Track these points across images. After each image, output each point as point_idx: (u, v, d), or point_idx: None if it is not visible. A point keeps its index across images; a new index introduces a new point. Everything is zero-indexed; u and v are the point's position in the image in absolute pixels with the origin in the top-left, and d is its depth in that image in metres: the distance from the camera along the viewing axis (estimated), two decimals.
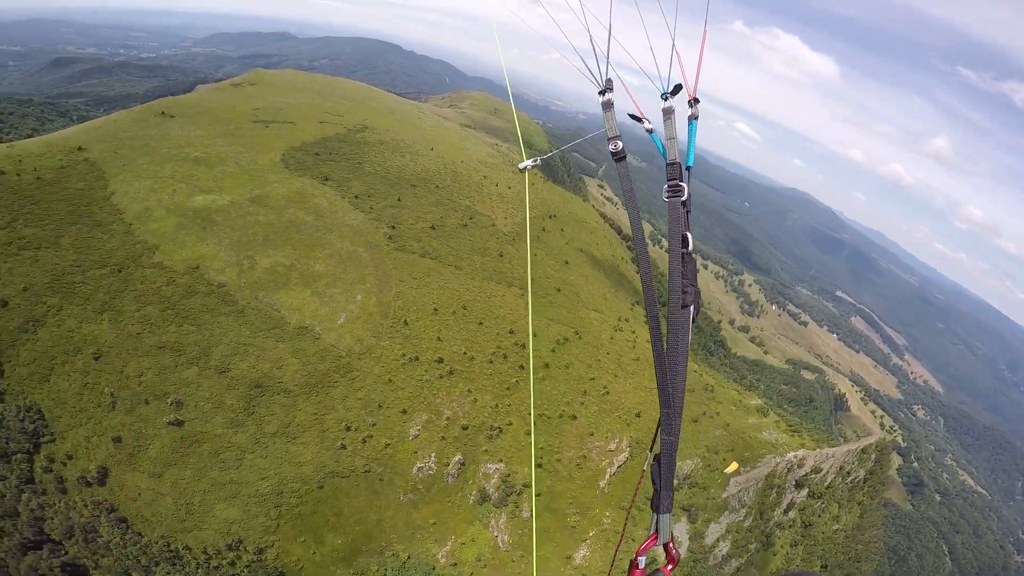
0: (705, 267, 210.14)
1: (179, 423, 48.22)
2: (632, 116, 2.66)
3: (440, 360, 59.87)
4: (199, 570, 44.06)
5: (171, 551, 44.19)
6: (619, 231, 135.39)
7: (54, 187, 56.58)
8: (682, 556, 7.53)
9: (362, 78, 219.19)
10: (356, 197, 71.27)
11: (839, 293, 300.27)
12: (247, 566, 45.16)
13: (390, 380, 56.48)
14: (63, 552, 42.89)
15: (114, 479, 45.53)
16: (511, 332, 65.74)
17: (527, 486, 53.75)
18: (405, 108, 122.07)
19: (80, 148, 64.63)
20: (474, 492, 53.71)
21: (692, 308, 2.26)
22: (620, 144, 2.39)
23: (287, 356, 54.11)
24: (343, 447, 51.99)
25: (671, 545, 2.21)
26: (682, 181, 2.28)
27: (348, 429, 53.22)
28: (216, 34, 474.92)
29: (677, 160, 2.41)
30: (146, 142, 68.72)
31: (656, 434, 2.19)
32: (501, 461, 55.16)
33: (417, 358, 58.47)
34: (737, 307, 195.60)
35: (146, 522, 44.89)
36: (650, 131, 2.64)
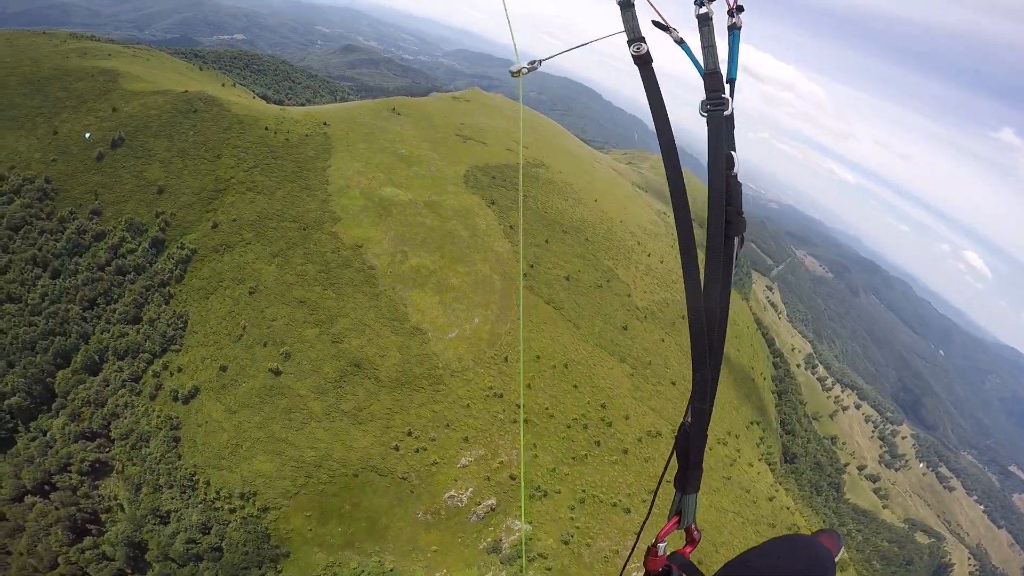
0: (857, 407, 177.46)
1: (278, 372, 54.44)
2: (657, 24, 2.31)
3: (520, 406, 59.13)
4: (200, 504, 47.73)
5: (191, 480, 48.85)
6: (771, 344, 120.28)
7: (294, 149, 70.48)
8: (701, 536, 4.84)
9: (559, 117, 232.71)
10: (511, 227, 75.02)
11: (1013, 468, 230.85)
12: (243, 518, 47.57)
13: (468, 406, 57.36)
14: (107, 450, 49.86)
15: (197, 402, 52.40)
16: (603, 406, 62.21)
17: (543, 556, 49.69)
18: (584, 154, 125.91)
19: (325, 123, 79.72)
20: (489, 539, 51.35)
21: (736, 240, 1.91)
22: (645, 47, 2.02)
23: (393, 349, 58.44)
24: (396, 448, 53.85)
25: (694, 528, 1.94)
26: (725, 93, 1.95)
27: (409, 434, 55.09)
28: (460, 50, 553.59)
29: (718, 69, 2.08)
30: (372, 131, 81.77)
31: (690, 402, 1.86)
32: (531, 523, 51.98)
33: (501, 395, 58.60)
34: (876, 456, 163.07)
35: (194, 448, 50.34)
36: (679, 41, 2.30)
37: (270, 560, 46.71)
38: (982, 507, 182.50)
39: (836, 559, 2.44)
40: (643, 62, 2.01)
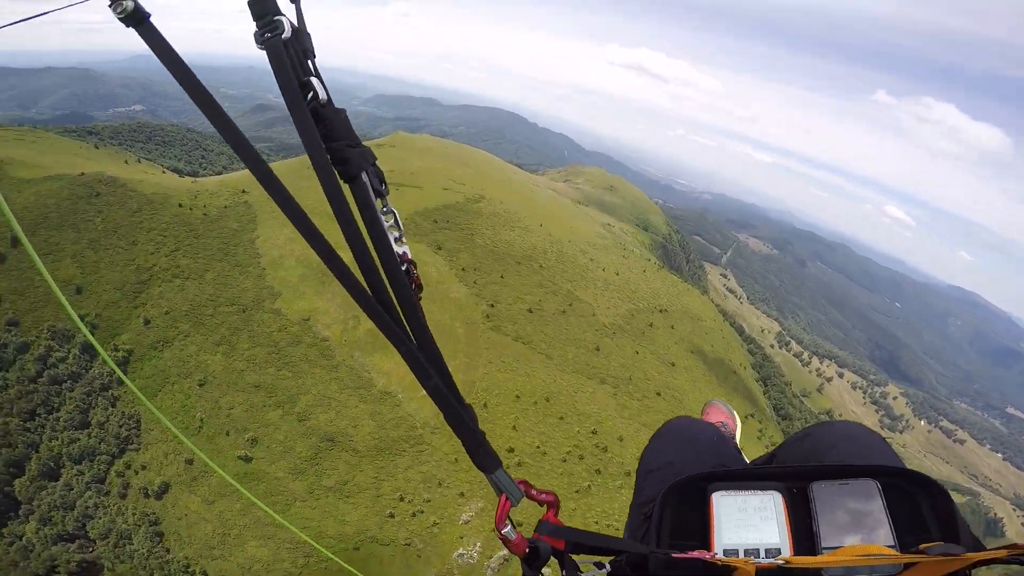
0: (840, 376, 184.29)
1: (248, 459, 50.19)
2: None
3: (511, 450, 55.98)
4: None
5: (188, 572, 45.25)
6: (740, 331, 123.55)
7: (215, 224, 65.04)
8: (557, 496, 1.84)
9: (491, 147, 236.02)
10: (463, 270, 72.63)
11: (1011, 410, 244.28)
12: None
13: (456, 460, 53.68)
14: (91, 549, 46.28)
15: (171, 497, 48.68)
16: (594, 432, 60.14)
17: None
18: (521, 180, 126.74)
19: (244, 191, 74.62)
20: None
21: (367, 176, 1.33)
22: (131, 3, 1.22)
23: (365, 417, 54.05)
24: (391, 516, 49.94)
25: (533, 492, 1.63)
26: (278, 16, 1.30)
27: (402, 499, 51.10)
28: (377, 95, 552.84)
29: None
30: (297, 192, 75.02)
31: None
32: (548, 567, 48.53)
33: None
34: (876, 421, 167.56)
35: (180, 540, 46.53)
36: None
37: None
38: (1000, 455, 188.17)
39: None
40: (136, 20, 1.26)
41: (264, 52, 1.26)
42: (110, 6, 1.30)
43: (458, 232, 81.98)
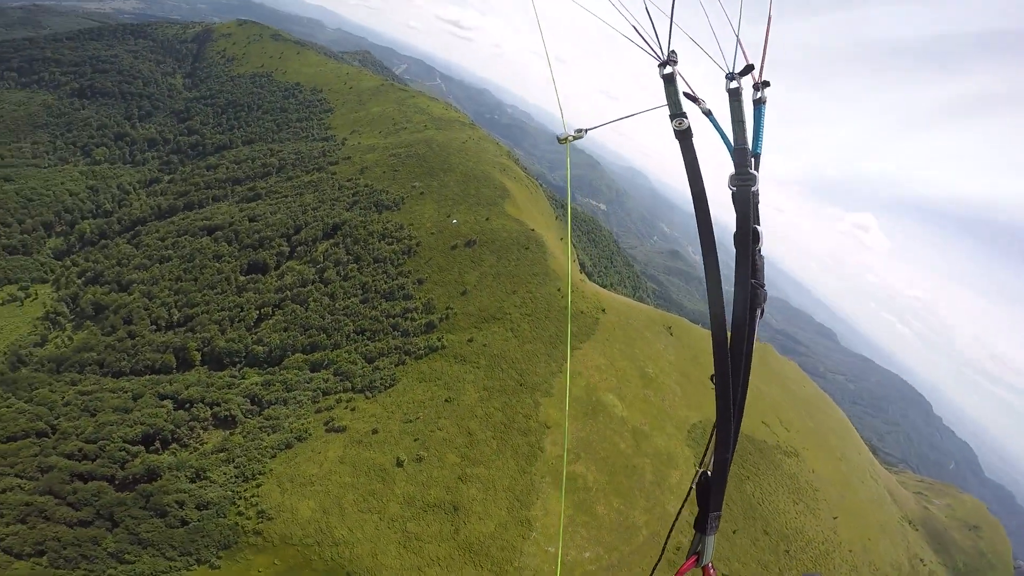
0: None
1: (399, 463, 54.65)
2: (688, 95, 2.47)
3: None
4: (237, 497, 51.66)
5: (255, 475, 52.61)
6: None
7: (560, 320, 76.57)
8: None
9: (859, 416, 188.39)
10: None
11: None
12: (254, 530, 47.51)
13: None
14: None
15: (336, 436, 56.60)
16: None
17: None
18: (861, 463, 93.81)
19: (603, 310, 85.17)
20: None
21: (758, 311, 2.20)
22: (687, 122, 2.24)
23: (495, 521, 50.47)
24: None
25: (710, 567, 2.06)
26: (752, 168, 2.17)
27: None
28: (781, 301, 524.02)
29: (746, 145, 2.32)
30: (635, 338, 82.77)
31: (707, 447, 2.08)
32: None
33: None
34: None
35: (291, 458, 54.58)
36: (707, 112, 2.55)
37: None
38: None
39: None
40: (684, 136, 2.16)
41: (732, 192, 2.02)
42: (671, 120, 2.03)
43: (738, 467, 68.47)
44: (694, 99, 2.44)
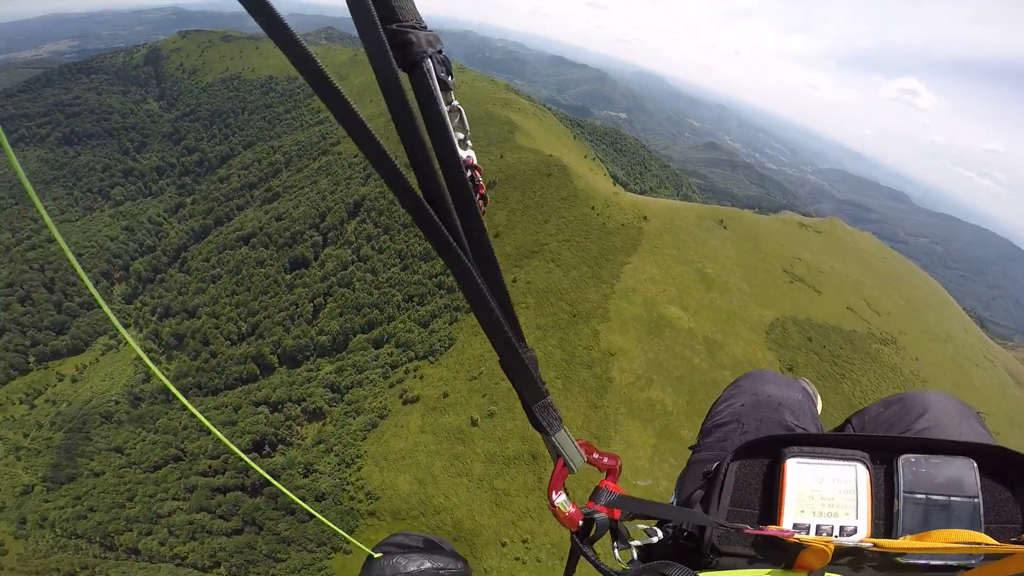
0: None
1: (474, 423, 55.11)
2: None
3: None
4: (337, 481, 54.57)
5: (352, 460, 55.01)
6: None
7: (606, 236, 72.61)
8: (620, 460, 1.46)
9: (955, 282, 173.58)
10: None
11: None
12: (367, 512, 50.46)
13: None
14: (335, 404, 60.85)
15: (413, 407, 58.05)
16: None
17: None
18: (971, 345, 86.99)
19: (645, 217, 79.81)
20: None
21: (428, 66, 1.09)
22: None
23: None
24: (503, 544, 46.63)
25: (595, 456, 1.48)
26: None
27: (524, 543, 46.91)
28: (836, 169, 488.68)
29: None
30: (687, 239, 77.44)
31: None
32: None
33: None
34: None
35: (379, 438, 55.89)
36: None
37: None
38: None
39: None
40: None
41: None
42: None
43: (828, 366, 64.65)
44: None
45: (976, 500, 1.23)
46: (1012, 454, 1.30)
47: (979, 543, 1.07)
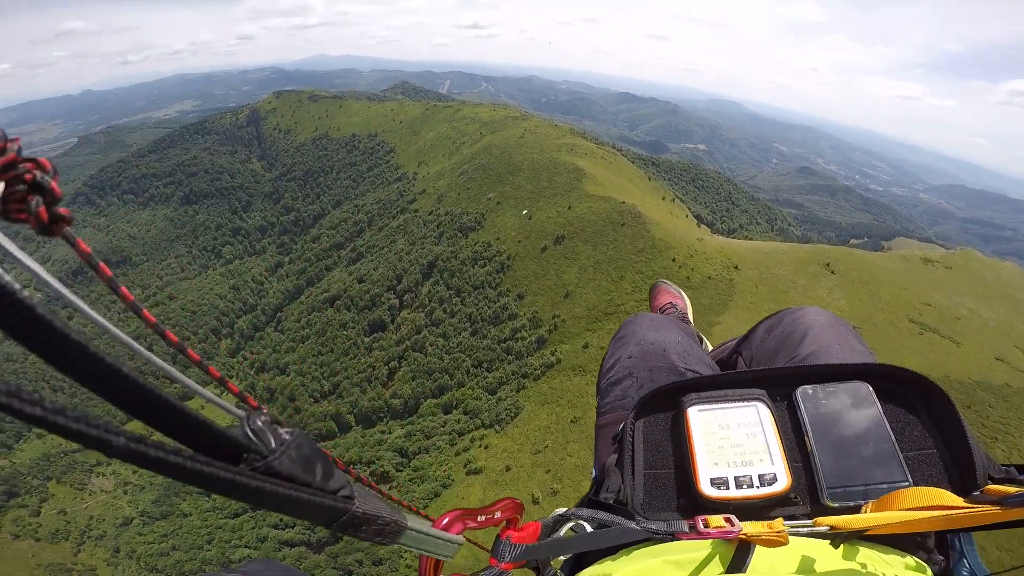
0: None
1: (535, 501, 50.23)
2: None
3: None
4: None
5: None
6: None
7: (692, 292, 65.83)
8: (517, 500, 1.35)
9: None
10: None
11: None
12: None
13: None
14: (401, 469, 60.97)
15: (475, 479, 53.53)
16: None
17: None
18: None
19: (735, 267, 72.25)
20: None
21: None
22: None
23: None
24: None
25: (481, 519, 1.34)
26: None
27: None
28: (953, 184, 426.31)
29: None
30: (787, 290, 68.75)
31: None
32: None
33: None
34: None
35: (440, 507, 51.45)
36: None
37: None
38: None
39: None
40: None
41: None
42: None
43: (978, 428, 51.89)
44: None
45: (884, 430, 1.14)
46: (904, 373, 1.23)
47: (951, 509, 0.90)
